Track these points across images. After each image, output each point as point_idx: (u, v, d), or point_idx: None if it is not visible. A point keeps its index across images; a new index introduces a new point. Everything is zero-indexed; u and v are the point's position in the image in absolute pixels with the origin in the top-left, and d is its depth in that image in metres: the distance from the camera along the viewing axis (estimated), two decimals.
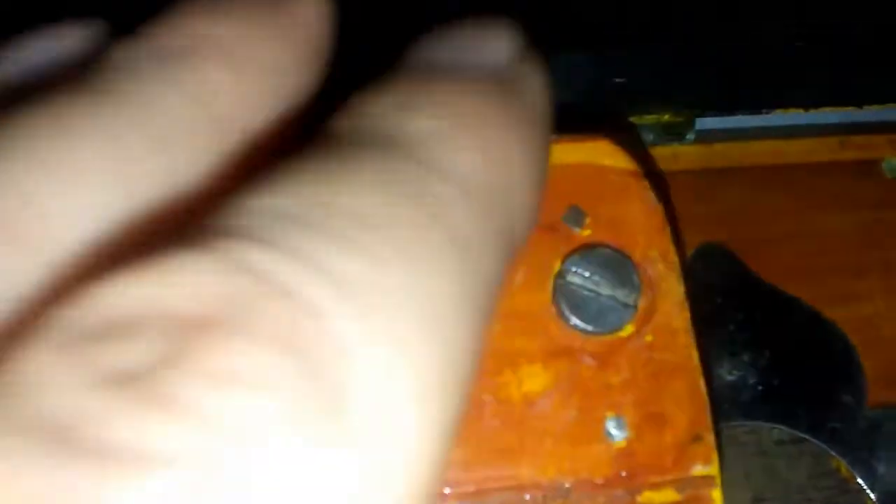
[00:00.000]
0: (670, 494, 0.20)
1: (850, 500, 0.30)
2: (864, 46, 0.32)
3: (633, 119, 0.33)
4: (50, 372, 0.09)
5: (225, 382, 0.08)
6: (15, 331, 0.09)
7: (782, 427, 0.29)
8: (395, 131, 0.12)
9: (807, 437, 0.29)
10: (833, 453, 0.29)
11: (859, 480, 0.29)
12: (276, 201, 0.10)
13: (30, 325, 0.09)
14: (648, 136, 0.33)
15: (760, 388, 0.29)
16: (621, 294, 0.22)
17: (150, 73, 0.12)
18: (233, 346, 0.09)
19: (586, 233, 0.22)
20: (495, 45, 0.15)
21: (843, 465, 0.29)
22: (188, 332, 0.09)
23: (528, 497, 0.20)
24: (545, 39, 0.30)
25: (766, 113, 0.33)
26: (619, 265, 0.22)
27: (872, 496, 0.29)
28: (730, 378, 0.30)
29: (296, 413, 0.09)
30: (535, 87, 0.14)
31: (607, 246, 0.22)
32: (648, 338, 0.22)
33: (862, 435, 0.29)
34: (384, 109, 0.12)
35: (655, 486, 0.20)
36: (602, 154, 0.23)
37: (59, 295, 0.10)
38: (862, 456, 0.29)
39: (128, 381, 0.08)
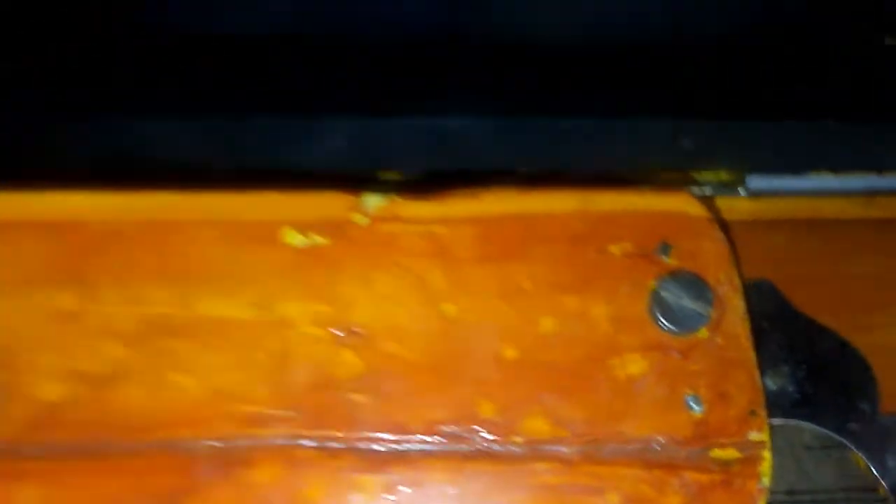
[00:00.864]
0: (733, 452, 0.27)
1: (868, 497, 0.35)
2: (883, 124, 0.36)
3: (696, 175, 0.37)
4: None
5: None
6: None
7: (815, 426, 0.35)
8: None
9: (832, 434, 0.34)
10: (853, 448, 0.34)
11: (873, 471, 0.34)
12: None
13: None
14: (708, 190, 0.36)
15: (797, 395, 0.34)
16: (699, 307, 0.28)
17: None
18: None
19: (673, 261, 0.29)
20: None
21: (862, 460, 0.35)
22: None
23: (629, 447, 0.27)
24: (630, 110, 0.36)
25: (804, 175, 0.37)
26: (697, 286, 0.28)
27: (884, 484, 0.34)
28: (773, 387, 0.33)
29: None
30: None
31: (689, 271, 0.28)
32: (719, 340, 0.28)
33: (876, 435, 0.34)
34: None
35: (722, 446, 0.27)
36: (684, 203, 0.30)
37: None
38: (876, 452, 0.34)
39: None
